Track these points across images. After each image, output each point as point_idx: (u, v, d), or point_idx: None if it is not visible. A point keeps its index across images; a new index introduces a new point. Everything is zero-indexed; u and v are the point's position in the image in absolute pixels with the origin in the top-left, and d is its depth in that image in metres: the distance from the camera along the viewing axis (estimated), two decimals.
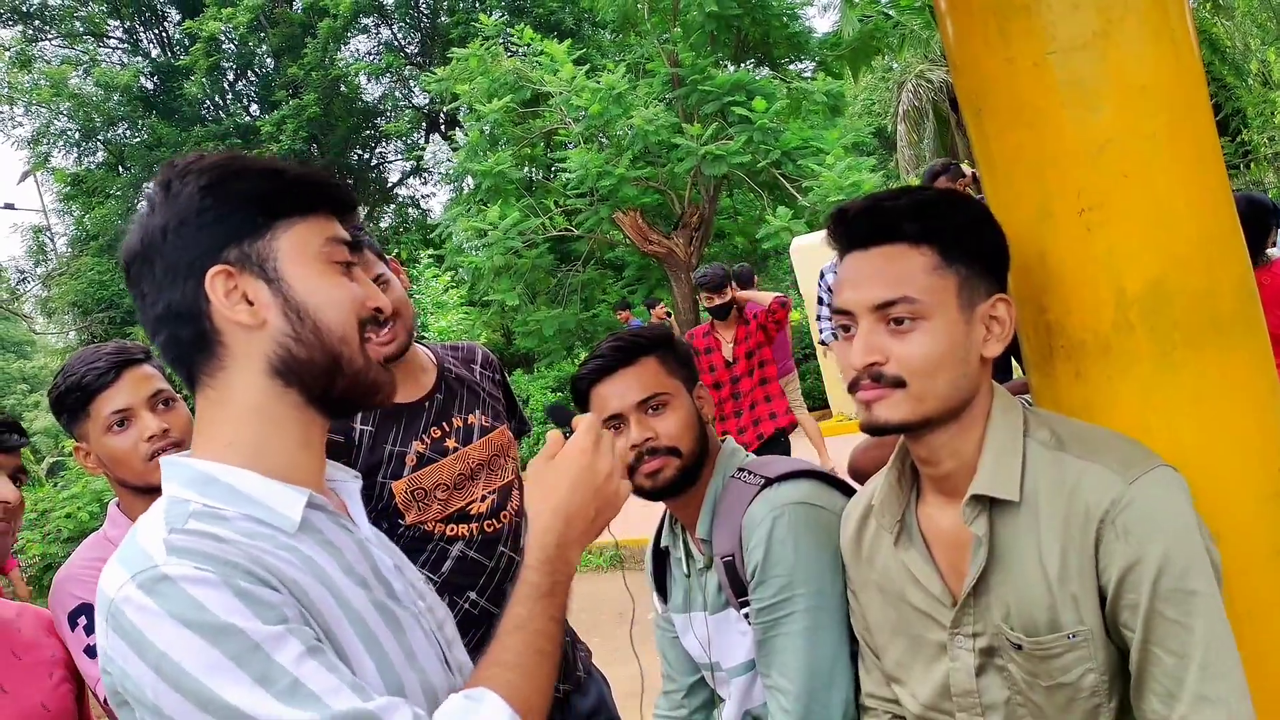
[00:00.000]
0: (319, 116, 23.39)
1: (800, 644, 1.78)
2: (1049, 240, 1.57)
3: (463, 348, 2.63)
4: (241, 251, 1.20)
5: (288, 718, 1.03)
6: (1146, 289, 1.51)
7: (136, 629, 1.05)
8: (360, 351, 1.24)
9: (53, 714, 1.80)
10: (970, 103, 1.66)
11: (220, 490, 1.19)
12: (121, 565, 1.11)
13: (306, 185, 1.25)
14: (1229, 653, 1.34)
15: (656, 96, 15.81)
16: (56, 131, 26.41)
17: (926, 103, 19.64)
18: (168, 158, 9.20)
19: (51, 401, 2.10)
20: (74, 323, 25.51)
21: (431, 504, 2.31)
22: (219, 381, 1.22)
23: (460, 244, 17.25)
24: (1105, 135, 1.52)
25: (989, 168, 1.67)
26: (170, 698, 1.04)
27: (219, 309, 1.19)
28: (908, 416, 1.43)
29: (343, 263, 1.25)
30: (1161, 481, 1.37)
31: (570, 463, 1.35)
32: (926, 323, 1.41)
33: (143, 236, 1.21)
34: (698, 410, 1.98)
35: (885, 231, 1.44)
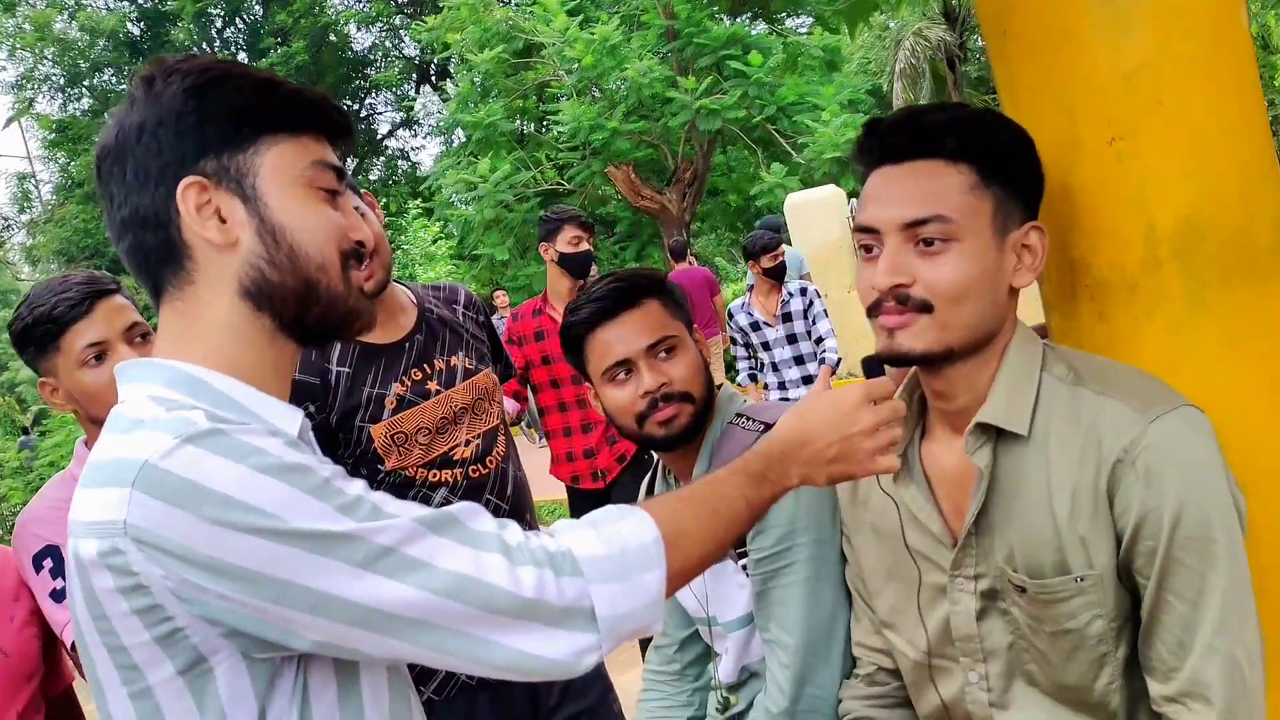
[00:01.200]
0: (308, 65, 23.16)
1: (799, 594, 1.72)
2: (1075, 172, 1.48)
3: (444, 288, 2.54)
4: (220, 164, 1.11)
5: (375, 526, 1.01)
6: (1178, 225, 1.43)
7: (189, 481, 0.98)
8: (341, 279, 1.17)
9: (12, 659, 1.72)
10: (994, 25, 1.57)
11: (211, 394, 1.10)
12: (156, 431, 1.02)
13: (299, 102, 1.16)
14: (1246, 607, 1.28)
15: (651, 49, 15.67)
16: (41, 77, 26.18)
17: (923, 61, 19.50)
18: None
19: (15, 334, 1.97)
20: (59, 270, 25.34)
21: (412, 449, 2.23)
22: (187, 295, 1.14)
23: (450, 197, 17.17)
24: (1138, 59, 1.43)
25: (1012, 95, 1.58)
26: (240, 543, 0.98)
27: (189, 222, 1.10)
28: (931, 345, 1.35)
29: (327, 189, 1.17)
30: (1185, 421, 1.30)
31: (837, 400, 1.31)
32: (958, 244, 1.32)
33: (118, 133, 1.12)
34: (700, 353, 1.90)
35: (923, 145, 1.35)
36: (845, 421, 1.29)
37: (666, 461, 2.00)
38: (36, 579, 1.85)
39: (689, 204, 16.49)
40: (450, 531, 1.06)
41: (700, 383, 1.84)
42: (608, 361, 1.82)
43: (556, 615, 1.07)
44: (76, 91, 26.43)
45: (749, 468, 1.28)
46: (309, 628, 1.02)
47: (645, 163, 16.59)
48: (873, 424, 1.29)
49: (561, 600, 1.07)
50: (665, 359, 1.82)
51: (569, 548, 1.10)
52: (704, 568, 1.24)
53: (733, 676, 1.95)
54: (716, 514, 1.22)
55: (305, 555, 0.99)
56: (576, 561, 1.09)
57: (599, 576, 1.10)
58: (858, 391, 1.30)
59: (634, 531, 1.14)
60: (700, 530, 1.19)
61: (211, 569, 0.98)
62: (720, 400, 1.92)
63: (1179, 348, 1.45)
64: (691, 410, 1.82)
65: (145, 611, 1.01)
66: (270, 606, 1.00)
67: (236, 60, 1.18)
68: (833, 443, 1.29)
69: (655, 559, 1.13)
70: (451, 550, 1.04)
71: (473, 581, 1.03)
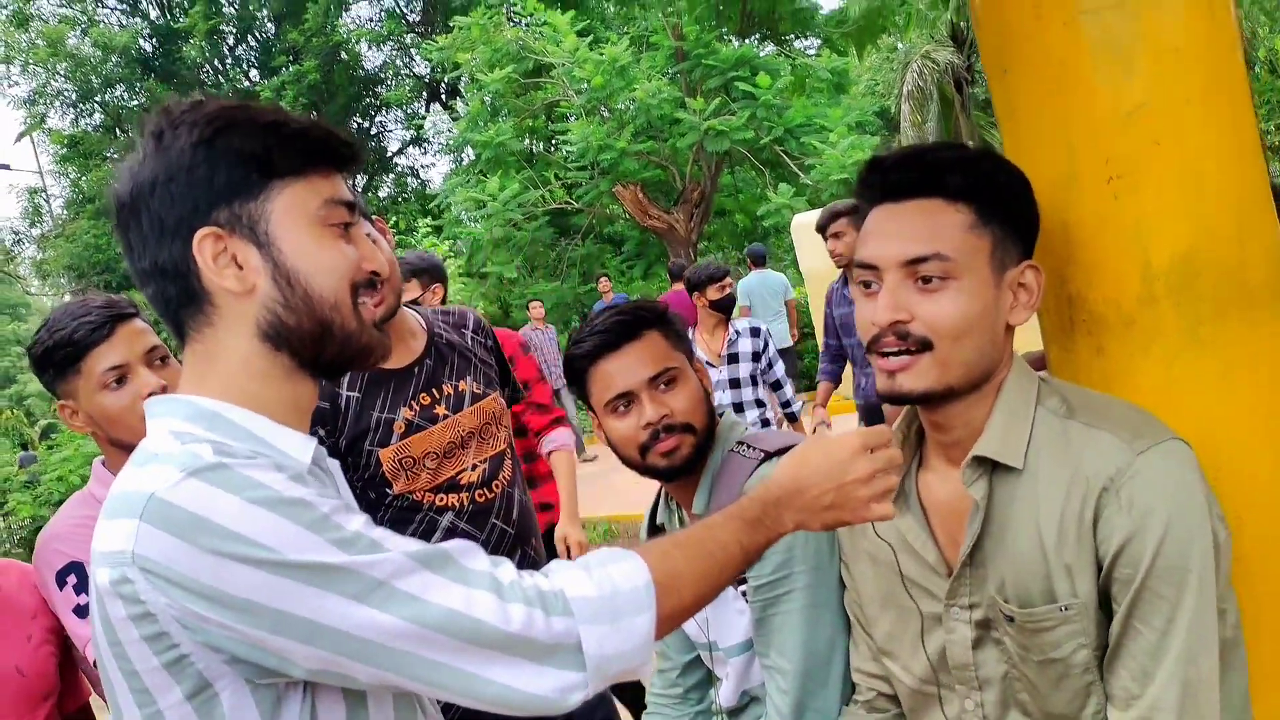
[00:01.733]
0: (319, 83, 23.27)
1: (798, 622, 1.73)
2: (1074, 208, 1.50)
3: (454, 312, 2.55)
4: (232, 212, 1.14)
5: (369, 560, 1.04)
6: (1174, 261, 1.45)
7: (192, 514, 1.02)
8: (353, 315, 1.19)
9: (28, 678, 1.73)
10: (995, 62, 1.59)
11: (226, 427, 1.14)
12: (165, 464, 1.07)
13: (306, 142, 1.18)
14: (1210, 640, 1.29)
15: (660, 70, 15.74)
16: (53, 92, 26.29)
17: (931, 84, 19.51)
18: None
19: (35, 357, 1.99)
20: (69, 285, 25.45)
21: (420, 473, 2.25)
22: (207, 336, 1.18)
23: (459, 215, 17.21)
24: (1136, 99, 1.45)
25: (1012, 131, 1.60)
26: (239, 575, 1.01)
27: (207, 272, 1.14)
28: (932, 385, 1.37)
29: (341, 224, 1.20)
30: (1171, 454, 1.31)
31: (834, 447, 1.32)
32: (957, 282, 1.34)
33: (131, 188, 1.15)
34: (701, 383, 1.91)
35: (924, 184, 1.36)
36: (841, 469, 1.29)
37: (669, 490, 2.01)
38: (59, 595, 1.86)
39: (696, 224, 16.51)
40: (443, 568, 1.08)
41: (701, 413, 1.86)
42: (610, 393, 1.84)
43: (544, 651, 1.10)
44: (88, 107, 26.55)
45: (745, 513, 1.28)
46: (304, 657, 1.05)
47: (653, 182, 16.63)
48: (869, 472, 1.29)
49: (549, 637, 1.10)
50: (666, 390, 1.83)
51: (561, 588, 1.13)
52: (697, 610, 1.25)
53: (733, 701, 1.96)
54: (711, 558, 1.23)
55: (301, 587, 1.02)
56: (568, 601, 1.12)
57: (589, 617, 1.12)
58: (855, 440, 1.31)
59: (626, 575, 1.16)
60: (694, 574, 1.21)
61: (212, 599, 1.02)
62: (721, 429, 1.93)
63: (1175, 381, 1.46)
64: (693, 441, 1.83)
65: (153, 639, 1.05)
66: (268, 636, 1.03)
67: (242, 103, 1.19)
68: (828, 490, 1.30)
69: (646, 603, 1.15)
70: (443, 585, 1.07)
71: (462, 616, 1.06)
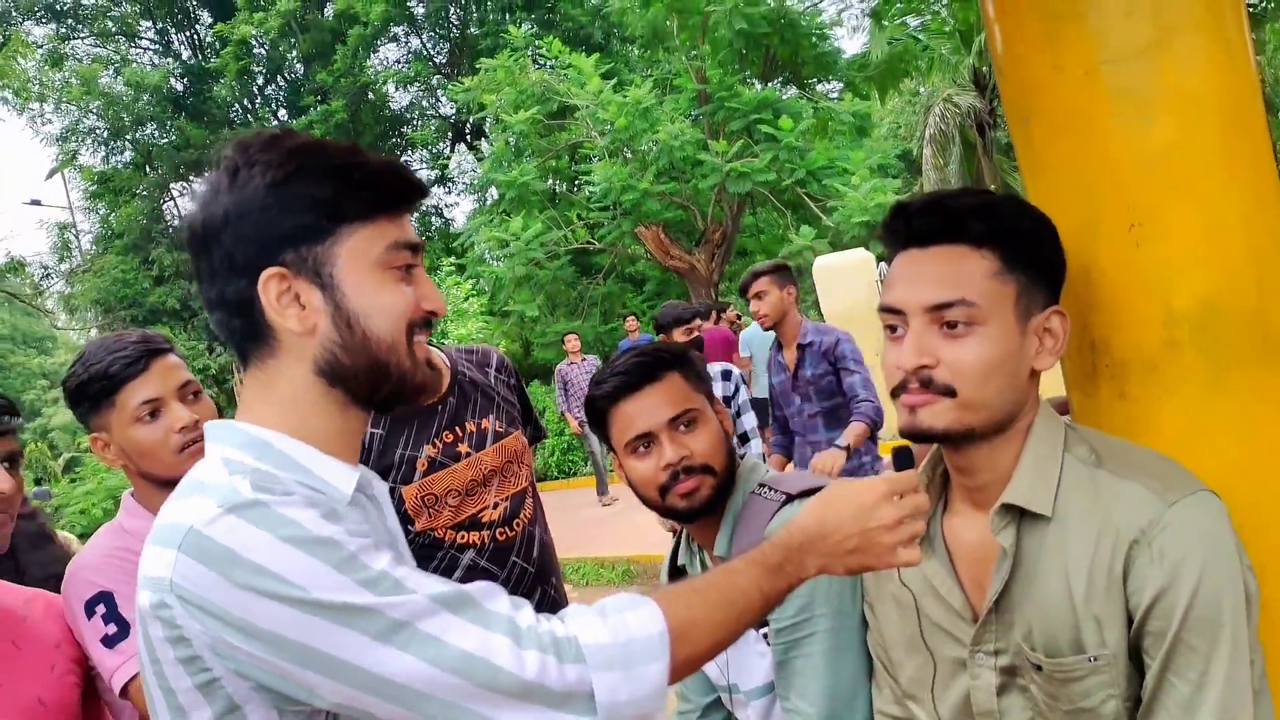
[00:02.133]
0: (346, 123, 23.51)
1: (820, 665, 1.72)
2: (1096, 254, 1.51)
3: (477, 351, 2.57)
4: (299, 255, 1.18)
5: (392, 601, 1.08)
6: (1196, 307, 1.45)
7: (227, 549, 1.06)
8: (408, 355, 1.23)
9: (49, 709, 1.73)
10: (1017, 111, 1.61)
11: (275, 456, 1.19)
12: (206, 497, 1.12)
13: (378, 186, 1.21)
14: (1245, 692, 1.28)
15: (683, 112, 15.84)
16: (85, 129, 26.66)
17: (953, 127, 19.59)
18: (195, 159, 9.26)
19: (70, 390, 2.02)
20: (96, 320, 25.66)
21: (442, 510, 2.26)
22: (268, 367, 1.22)
23: (482, 254, 17.31)
24: (1157, 147, 1.46)
25: (1035, 179, 1.61)
26: (268, 609, 1.05)
27: (270, 310, 1.18)
28: (951, 426, 1.37)
29: (403, 266, 1.23)
30: (1202, 506, 1.31)
31: (859, 493, 1.32)
32: (982, 328, 1.35)
33: (204, 220, 1.19)
34: (721, 425, 1.92)
35: (948, 230, 1.38)
36: (866, 515, 1.30)
37: (690, 531, 2.01)
38: (88, 624, 1.86)
39: (718, 264, 16.54)
40: (464, 610, 1.12)
41: (721, 454, 1.86)
42: (630, 434, 1.85)
43: (556, 699, 1.12)
44: (119, 145, 26.89)
45: (766, 559, 1.29)
46: (329, 690, 1.09)
47: (675, 223, 16.69)
48: (894, 519, 1.29)
49: (562, 685, 1.12)
50: (686, 432, 1.84)
51: (575, 634, 1.15)
52: (715, 655, 1.26)
53: None
54: (731, 604, 1.24)
55: (326, 624, 1.06)
56: (581, 649, 1.14)
57: (602, 664, 1.14)
58: (881, 485, 1.31)
59: (641, 622, 1.17)
60: (712, 621, 1.22)
61: (242, 630, 1.07)
62: (743, 471, 1.93)
63: (1198, 427, 1.47)
64: (713, 482, 1.84)
65: (187, 661, 1.11)
66: (294, 669, 1.08)
67: (318, 143, 1.22)
68: (853, 535, 1.30)
69: (659, 651, 1.16)
70: (463, 628, 1.10)
71: (479, 660, 1.09)
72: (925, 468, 1.55)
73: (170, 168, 25.72)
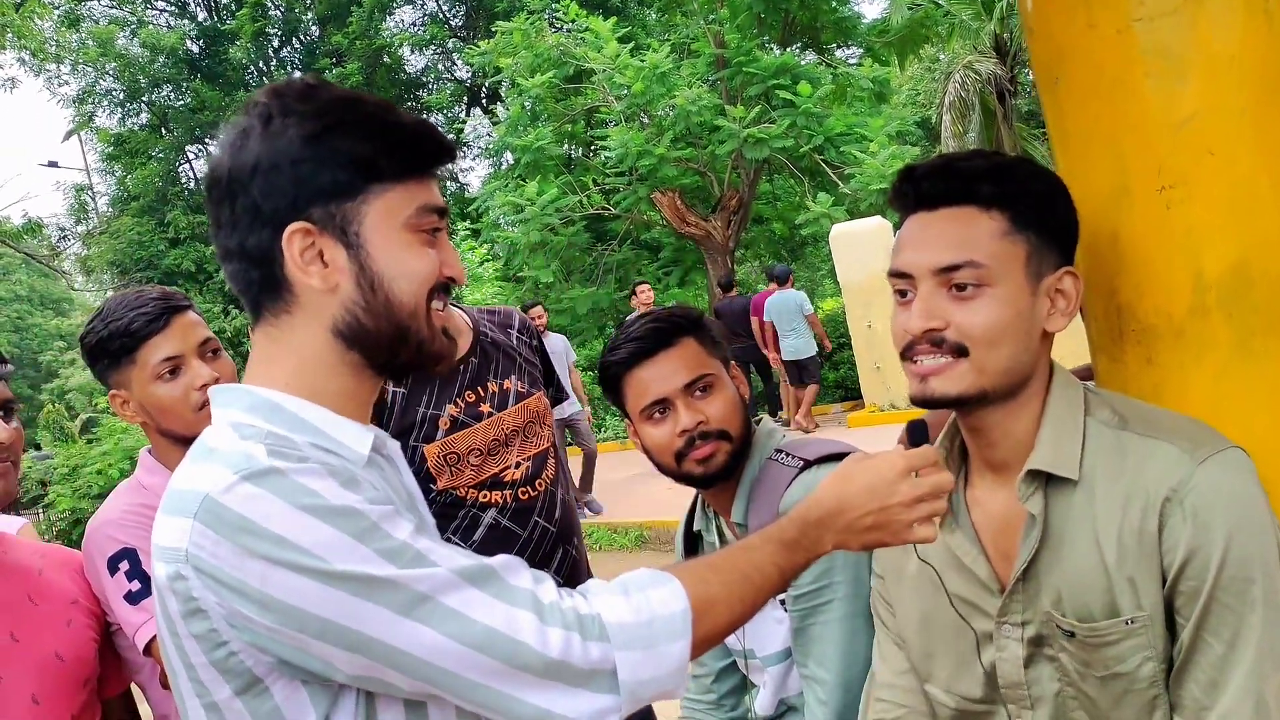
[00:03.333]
0: (361, 85, 23.43)
1: (838, 633, 1.72)
2: (1125, 218, 1.49)
3: (499, 312, 2.57)
4: (327, 211, 1.14)
5: (415, 574, 1.05)
6: (1226, 272, 1.43)
7: (245, 518, 1.04)
8: (426, 322, 1.20)
9: (67, 663, 1.74)
10: (1046, 71, 1.58)
11: (286, 418, 1.16)
12: (222, 465, 1.08)
13: (412, 146, 1.18)
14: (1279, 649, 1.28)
15: (700, 77, 15.73)
16: (102, 91, 26.67)
17: (973, 94, 19.38)
18: (210, 121, 9.22)
19: (89, 347, 2.01)
20: (112, 281, 25.76)
21: (464, 469, 2.26)
22: (283, 324, 1.19)
23: (497, 219, 17.27)
24: (1190, 108, 1.44)
25: (1063, 141, 1.59)
26: (287, 581, 1.03)
27: (292, 265, 1.15)
28: (965, 390, 1.36)
29: (430, 229, 1.20)
30: (1232, 463, 1.30)
31: (878, 467, 1.30)
32: (991, 290, 1.34)
33: (232, 166, 1.15)
34: (738, 390, 1.91)
35: (956, 193, 1.36)
36: (885, 492, 1.28)
37: (706, 497, 2.00)
38: (111, 581, 1.87)
39: (733, 231, 16.49)
40: (488, 585, 1.09)
41: (738, 420, 1.85)
42: (645, 400, 1.84)
43: (580, 676, 1.10)
44: (135, 106, 26.89)
45: (784, 535, 1.28)
46: (347, 663, 1.07)
47: (691, 189, 16.62)
48: (912, 497, 1.28)
49: (586, 663, 1.10)
50: (702, 397, 1.83)
51: (599, 612, 1.13)
52: (732, 632, 1.26)
53: (770, 709, 1.95)
54: (748, 581, 1.23)
55: (347, 597, 1.04)
56: (605, 627, 1.12)
57: (625, 643, 1.12)
58: (900, 461, 1.29)
59: (664, 600, 1.16)
60: (730, 598, 1.21)
61: (260, 602, 1.04)
62: (759, 436, 1.92)
63: (1225, 393, 1.45)
64: (729, 448, 1.83)
65: (205, 635, 1.08)
66: (311, 641, 1.05)
67: (355, 96, 1.19)
68: (870, 512, 1.28)
69: (682, 629, 1.15)
70: (487, 604, 1.08)
71: (503, 637, 1.07)
72: (943, 440, 1.54)
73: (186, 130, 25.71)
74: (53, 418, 24.43)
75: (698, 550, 2.09)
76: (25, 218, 20.01)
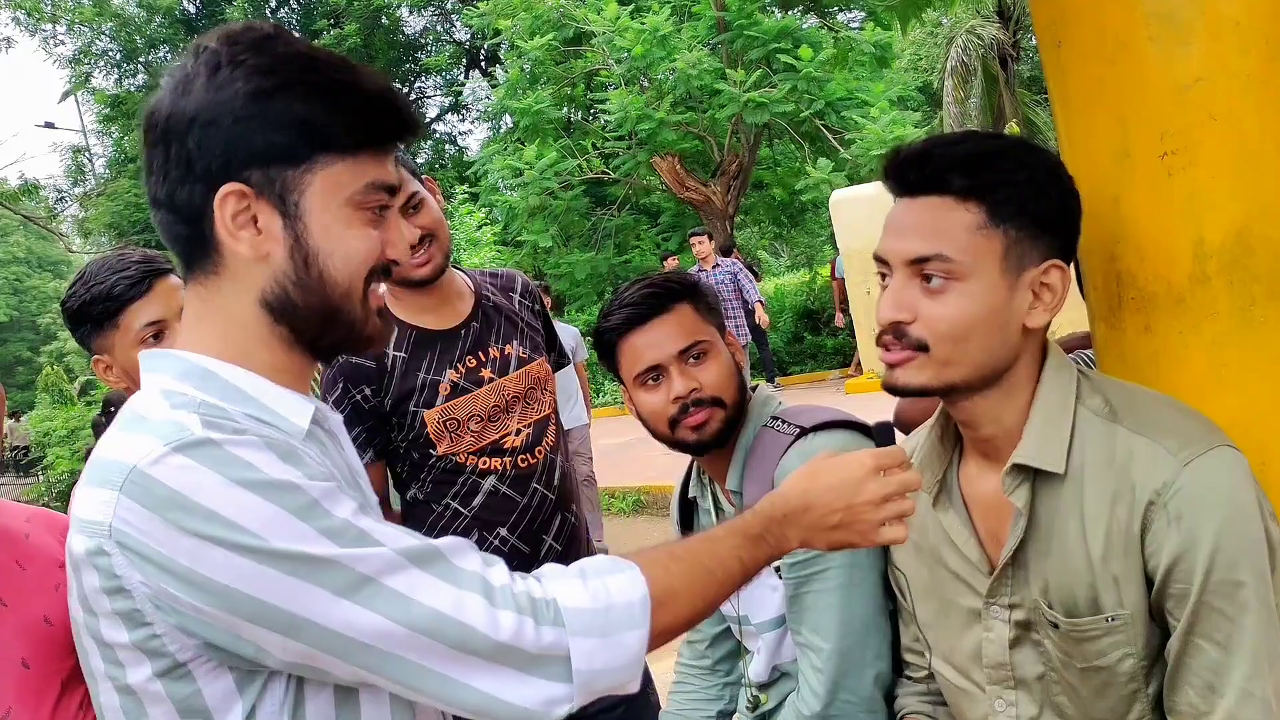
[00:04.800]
0: (360, 48, 23.27)
1: (834, 601, 1.72)
2: (1125, 184, 1.47)
3: (501, 274, 2.55)
4: (266, 175, 1.06)
5: (357, 553, 1.00)
6: (1228, 239, 1.42)
7: (176, 492, 0.97)
8: (361, 304, 1.13)
9: (56, 627, 1.73)
10: (1049, 34, 1.56)
11: (219, 386, 1.09)
12: (149, 435, 1.02)
13: (368, 119, 1.09)
14: (1276, 647, 1.27)
15: (701, 40, 15.59)
16: (98, 52, 26.46)
17: (975, 60, 19.28)
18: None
19: (70, 312, 1.98)
20: (110, 244, 25.67)
21: (464, 435, 2.26)
22: (210, 286, 1.12)
23: (495, 183, 17.20)
24: (1193, 73, 1.42)
25: (1064, 105, 1.57)
26: (220, 559, 0.97)
27: (221, 228, 1.07)
28: (928, 382, 1.35)
29: (376, 207, 1.13)
30: (1219, 463, 1.27)
31: (845, 466, 1.28)
32: (960, 284, 1.31)
33: (170, 112, 1.06)
34: (733, 357, 1.89)
35: (933, 182, 1.33)
36: (851, 490, 1.26)
37: (701, 464, 2.00)
38: None
39: (733, 197, 16.42)
40: (433, 566, 1.04)
41: (732, 387, 1.84)
42: (639, 367, 1.83)
43: (530, 661, 1.06)
44: (132, 67, 26.70)
45: (748, 528, 1.25)
46: (281, 648, 1.01)
47: (691, 154, 16.54)
48: (879, 496, 1.26)
49: (537, 647, 1.06)
50: (696, 364, 1.82)
51: (555, 597, 1.09)
52: (692, 625, 1.22)
53: (764, 675, 1.95)
54: (710, 574, 1.20)
55: (284, 577, 0.98)
56: (560, 612, 1.08)
57: (580, 630, 1.08)
58: (868, 460, 1.27)
59: (622, 588, 1.12)
60: (691, 590, 1.17)
61: (189, 581, 0.97)
62: (755, 403, 1.91)
63: (1225, 362, 1.44)
64: (723, 415, 1.82)
65: (126, 615, 1.01)
66: (243, 624, 0.99)
67: (312, 53, 1.09)
68: (836, 510, 1.26)
69: (639, 619, 1.11)
70: (432, 585, 1.03)
71: (449, 620, 1.02)
72: (937, 417, 1.53)
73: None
74: (51, 380, 24.42)
75: (693, 516, 2.08)
76: (22, 179, 19.85)
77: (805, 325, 17.01)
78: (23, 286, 45.77)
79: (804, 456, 1.76)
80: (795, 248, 27.03)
